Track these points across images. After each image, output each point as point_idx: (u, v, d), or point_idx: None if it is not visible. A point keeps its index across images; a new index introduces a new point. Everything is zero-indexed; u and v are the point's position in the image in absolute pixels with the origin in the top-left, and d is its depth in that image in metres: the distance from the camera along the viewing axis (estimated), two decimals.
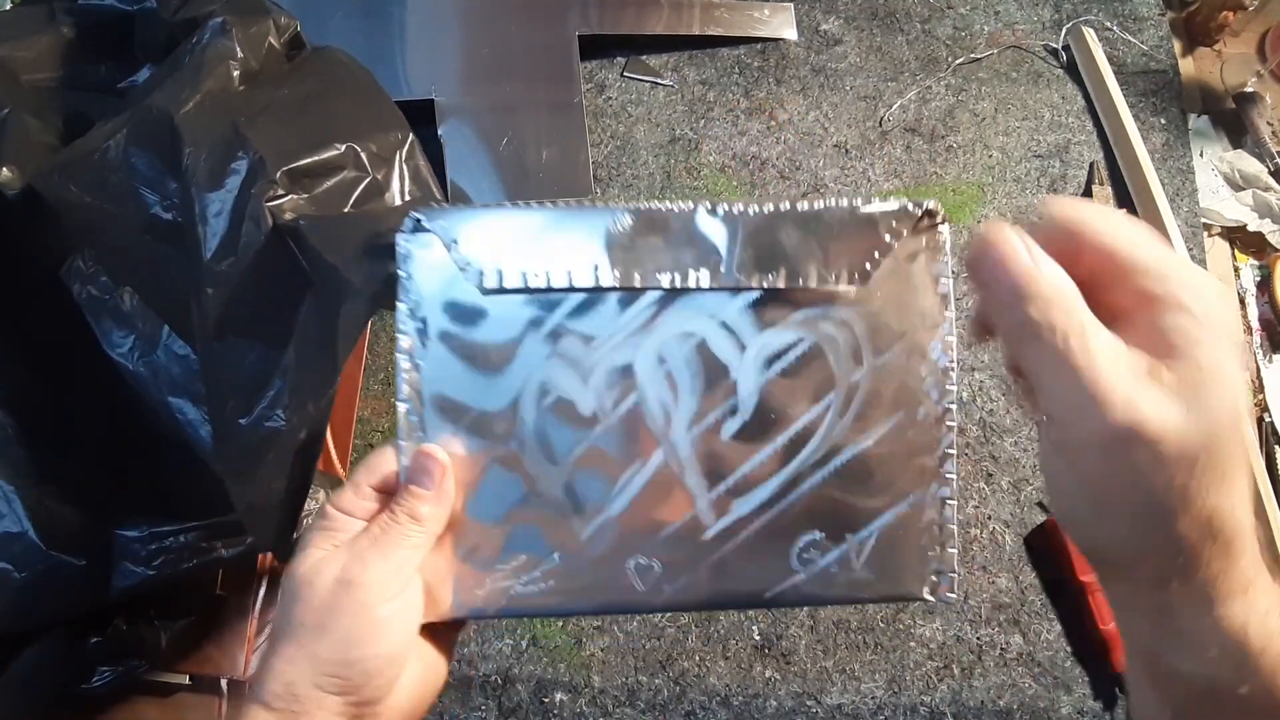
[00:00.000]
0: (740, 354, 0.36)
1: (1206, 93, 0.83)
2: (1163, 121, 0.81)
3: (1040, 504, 0.67)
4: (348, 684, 0.31)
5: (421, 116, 0.73)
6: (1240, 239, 0.77)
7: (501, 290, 0.36)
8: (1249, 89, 0.82)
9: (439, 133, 0.74)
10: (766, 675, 0.61)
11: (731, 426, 0.36)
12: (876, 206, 0.36)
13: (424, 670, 0.35)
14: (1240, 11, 0.82)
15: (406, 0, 0.77)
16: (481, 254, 0.36)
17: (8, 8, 0.65)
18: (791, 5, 0.84)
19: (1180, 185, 0.78)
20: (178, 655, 0.58)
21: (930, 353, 0.36)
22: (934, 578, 0.37)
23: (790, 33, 0.83)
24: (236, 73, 0.51)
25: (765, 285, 0.36)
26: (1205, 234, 0.77)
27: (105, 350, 0.55)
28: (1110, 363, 0.23)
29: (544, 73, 0.77)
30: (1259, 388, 0.72)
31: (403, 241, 0.36)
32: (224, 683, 0.59)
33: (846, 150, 0.79)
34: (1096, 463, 0.24)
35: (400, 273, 0.36)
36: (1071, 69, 0.82)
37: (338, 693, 0.31)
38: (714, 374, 0.36)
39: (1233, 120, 0.82)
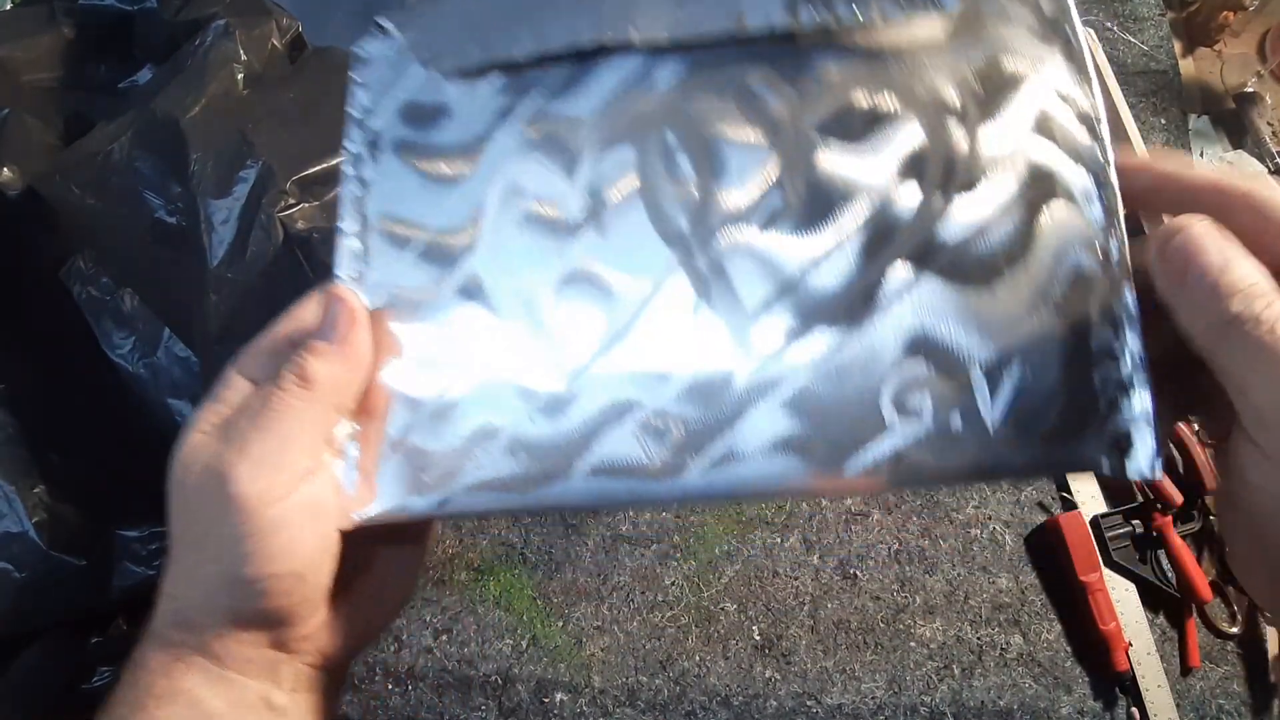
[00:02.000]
0: (782, 121, 0.26)
1: (1206, 93, 0.83)
2: (1163, 121, 0.81)
3: (1040, 504, 0.67)
4: (246, 609, 0.24)
5: None
6: None
7: (469, 72, 0.28)
8: (1249, 89, 0.82)
9: None
10: (767, 675, 0.61)
11: (777, 219, 0.25)
12: None
13: (372, 583, 0.28)
14: (1240, 11, 0.82)
15: (406, 1, 0.77)
16: (446, 35, 0.29)
17: (8, 8, 0.64)
18: None
19: None
20: None
21: (1062, 103, 0.25)
22: (1118, 436, 0.23)
23: None
24: (240, 75, 0.51)
25: (813, 24, 0.26)
26: None
27: (105, 351, 0.55)
28: None
29: None
30: None
31: (359, 46, 0.30)
32: None
33: None
34: None
35: (353, 78, 0.29)
36: None
37: (236, 620, 0.24)
38: (743, 150, 0.26)
39: (1233, 120, 0.82)
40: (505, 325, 0.27)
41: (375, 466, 0.26)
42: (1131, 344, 0.24)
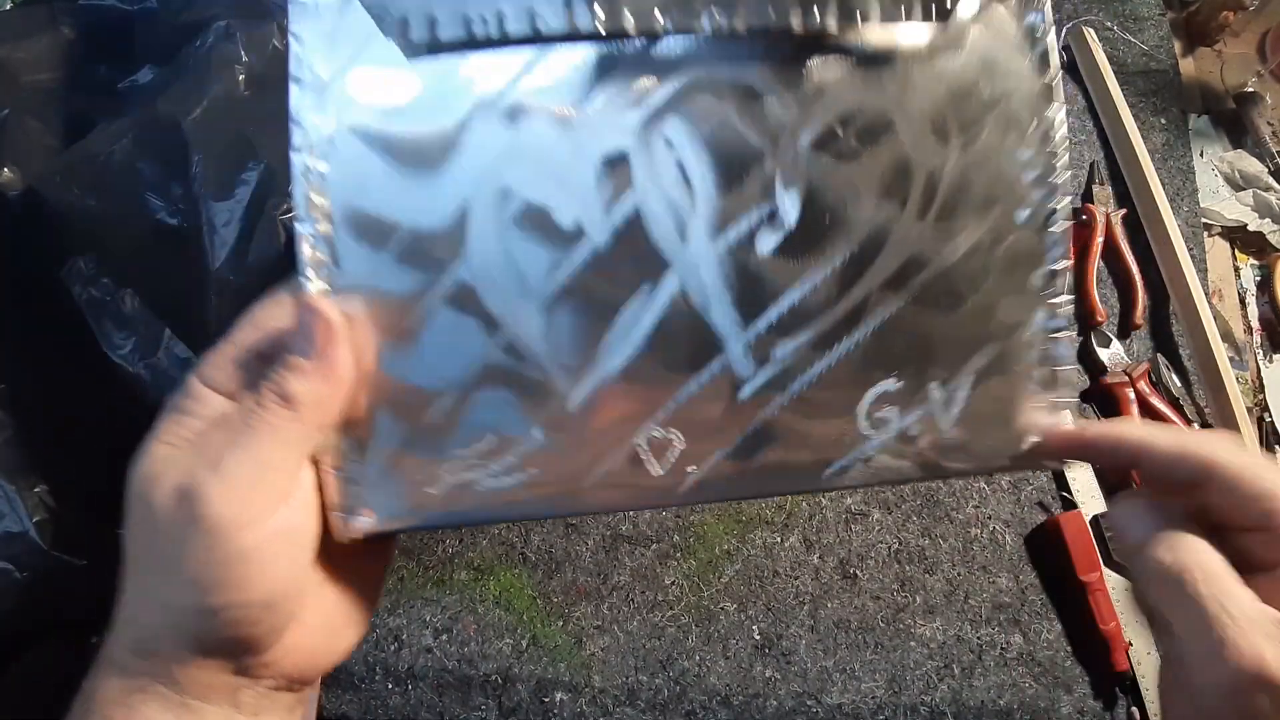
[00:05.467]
0: (777, 132, 0.26)
1: (1207, 93, 0.83)
2: (1163, 121, 0.81)
3: (1040, 504, 0.67)
4: (212, 636, 0.23)
5: None
6: (1240, 239, 0.77)
7: (436, 47, 0.25)
8: (1249, 89, 0.82)
9: None
10: (767, 675, 0.61)
11: (772, 237, 0.26)
12: None
13: (336, 600, 0.27)
14: (1240, 11, 0.82)
15: None
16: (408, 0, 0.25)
17: (8, 8, 0.64)
18: None
19: (1180, 185, 0.78)
20: None
21: (1030, 130, 0.27)
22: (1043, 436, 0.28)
23: None
24: (242, 77, 0.51)
25: (812, 29, 0.25)
26: (1205, 234, 0.77)
27: (106, 352, 0.55)
28: (1242, 615, 0.24)
29: None
30: (1259, 388, 0.72)
31: None
32: None
33: None
34: (1217, 704, 0.24)
35: (292, 38, 0.25)
36: (1072, 69, 0.82)
37: (201, 647, 0.23)
38: (743, 162, 0.26)
39: (1233, 120, 0.82)
40: (503, 339, 0.26)
41: (372, 481, 0.25)
42: (1064, 357, 0.27)
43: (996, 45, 0.27)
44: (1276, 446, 0.69)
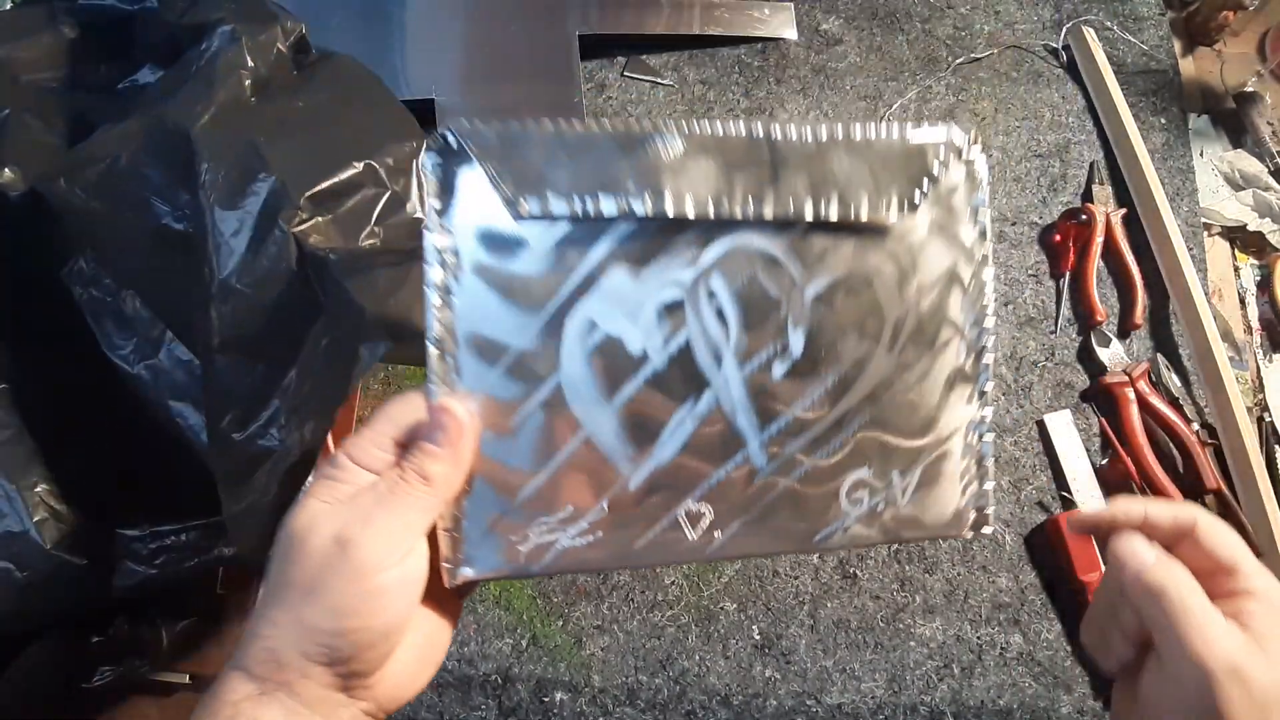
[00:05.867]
0: (790, 288, 0.35)
1: (1206, 92, 0.83)
2: (1163, 121, 0.81)
3: (1040, 504, 0.67)
4: (337, 654, 0.30)
5: (422, 116, 0.73)
6: (1240, 239, 0.77)
7: (543, 217, 0.33)
8: (1249, 89, 0.82)
9: None
10: (766, 675, 0.61)
11: (782, 364, 0.35)
12: (926, 135, 0.35)
13: (424, 640, 0.33)
14: (1240, 11, 0.82)
15: (406, 1, 0.77)
16: (522, 177, 0.32)
17: (8, 8, 0.65)
18: (791, 5, 0.84)
19: (1180, 185, 0.78)
20: (178, 655, 0.58)
21: (970, 285, 0.37)
22: (974, 514, 0.38)
23: (790, 32, 0.83)
24: (248, 82, 0.50)
25: (819, 217, 0.34)
26: (1205, 234, 0.77)
27: (106, 352, 0.55)
28: (1216, 621, 0.32)
29: (544, 73, 0.77)
30: (1259, 387, 0.72)
31: (430, 161, 0.32)
32: None
33: None
34: (1197, 696, 0.31)
35: (428, 196, 0.32)
36: (1071, 69, 0.82)
37: (325, 663, 0.30)
38: (764, 309, 0.35)
39: (1233, 120, 0.82)
40: (584, 435, 0.34)
41: (475, 539, 0.33)
42: (987, 452, 0.38)
43: (950, 222, 0.36)
44: (1277, 446, 0.69)
